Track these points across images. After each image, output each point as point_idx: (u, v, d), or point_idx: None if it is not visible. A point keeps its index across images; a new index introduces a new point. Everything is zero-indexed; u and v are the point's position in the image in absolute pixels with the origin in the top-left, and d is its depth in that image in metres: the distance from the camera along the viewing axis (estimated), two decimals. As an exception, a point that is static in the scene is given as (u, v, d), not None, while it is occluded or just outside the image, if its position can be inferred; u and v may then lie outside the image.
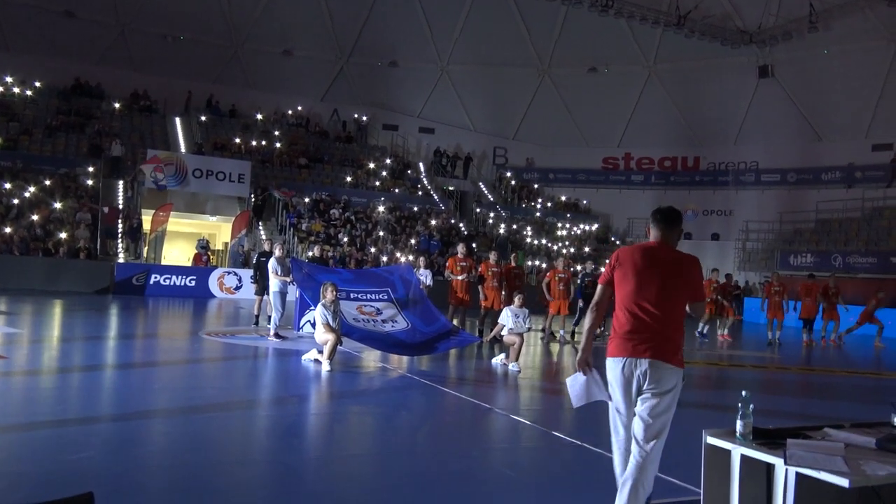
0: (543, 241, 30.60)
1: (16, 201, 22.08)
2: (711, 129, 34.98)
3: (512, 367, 10.14)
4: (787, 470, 3.20)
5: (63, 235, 21.25)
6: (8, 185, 22.60)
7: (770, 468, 3.37)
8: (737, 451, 3.51)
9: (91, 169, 24.92)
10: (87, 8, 30.62)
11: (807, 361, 14.77)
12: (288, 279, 12.18)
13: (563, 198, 36.59)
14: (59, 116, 28.38)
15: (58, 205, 22.48)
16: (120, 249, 22.45)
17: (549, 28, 34.39)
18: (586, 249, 31.41)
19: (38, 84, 29.60)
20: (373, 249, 25.16)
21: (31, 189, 22.84)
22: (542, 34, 34.77)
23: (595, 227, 34.92)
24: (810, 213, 31.16)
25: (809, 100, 32.19)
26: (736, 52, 31.74)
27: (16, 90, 28.98)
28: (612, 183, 37.09)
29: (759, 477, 3.51)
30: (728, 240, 33.65)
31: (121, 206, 24.26)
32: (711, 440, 3.67)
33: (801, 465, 3.16)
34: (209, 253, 24.76)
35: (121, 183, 25.57)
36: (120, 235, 22.93)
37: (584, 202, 36.63)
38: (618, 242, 34.31)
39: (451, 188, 34.17)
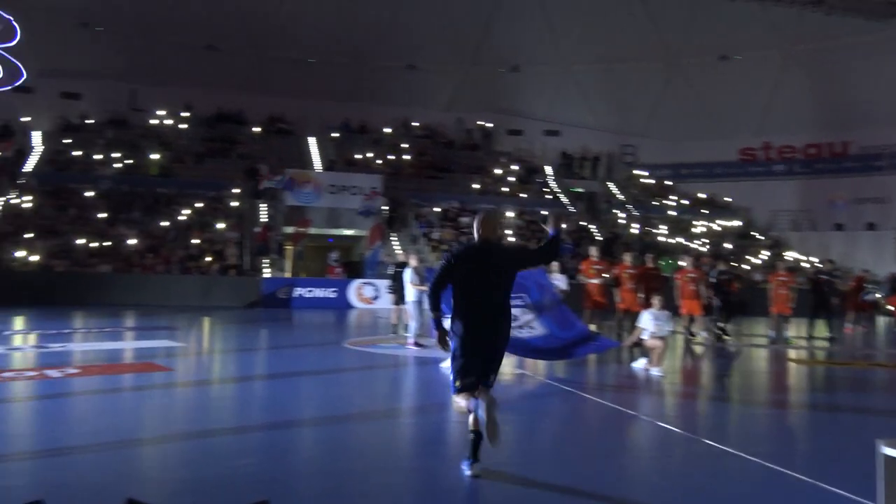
0: (679, 240, 29.48)
1: (167, 223, 23.81)
2: (861, 111, 32.41)
3: (654, 371, 9.81)
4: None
5: (208, 257, 22.70)
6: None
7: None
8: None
9: (237, 191, 26.49)
10: (226, 41, 32.69)
11: None
12: (425, 288, 12.38)
13: (699, 194, 35.07)
14: (206, 143, 30.44)
15: (221, 225, 24.06)
16: (266, 265, 23.70)
17: (676, 19, 33.20)
18: (727, 246, 29.97)
19: (186, 114, 31.95)
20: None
21: (186, 212, 24.59)
22: (668, 25, 33.62)
23: (735, 222, 33.25)
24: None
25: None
26: (883, 27, 29.31)
27: (168, 121, 31.40)
28: (750, 175, 35.19)
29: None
30: (885, 229, 31.03)
31: (267, 225, 25.61)
32: (888, 450, 3.37)
33: None
34: (343, 265, 25.63)
35: (263, 203, 27.04)
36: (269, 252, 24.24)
37: (722, 197, 34.96)
38: (761, 238, 32.53)
39: (579, 190, 33.65)
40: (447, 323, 5.45)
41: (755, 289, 25.59)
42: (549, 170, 34.88)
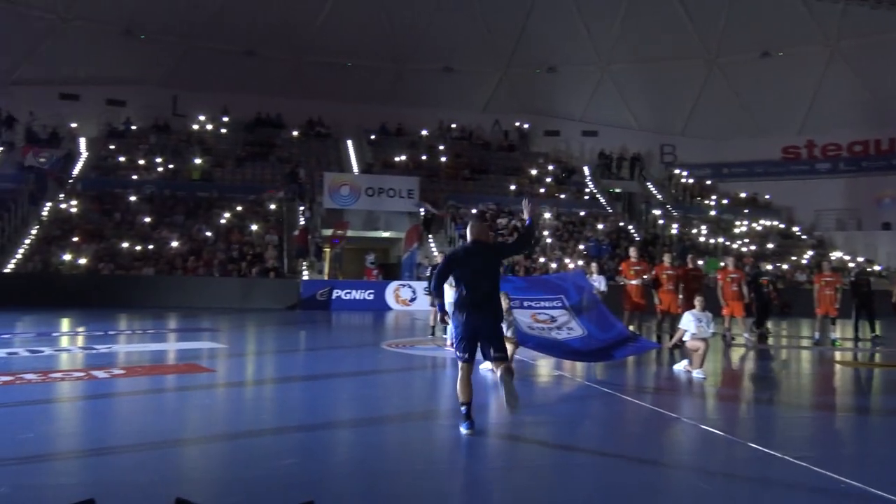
0: (720, 240, 29.02)
1: (208, 231, 24.19)
2: (910, 107, 31.58)
3: (696, 373, 9.67)
4: None
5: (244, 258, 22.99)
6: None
7: None
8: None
9: (280, 193, 26.82)
10: (265, 46, 33.15)
11: None
12: (462, 290, 12.37)
13: (740, 193, 34.48)
14: (246, 147, 30.89)
15: (255, 227, 24.41)
16: (304, 267, 23.93)
17: (715, 15, 32.75)
18: (769, 246, 29.42)
19: (225, 119, 32.47)
20: (542, 259, 25.05)
21: (227, 216, 24.96)
22: (707, 22, 33.17)
23: (777, 222, 32.61)
24: None
25: None
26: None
27: (208, 126, 31.96)
28: (793, 174, 34.50)
29: None
30: (936, 228, 30.19)
31: (306, 227, 25.88)
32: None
33: None
34: (380, 267, 25.76)
35: (301, 206, 27.33)
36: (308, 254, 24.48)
37: (764, 196, 34.33)
38: (804, 237, 31.87)
39: (617, 190, 33.34)
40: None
41: (798, 290, 25.12)
42: (586, 170, 34.65)
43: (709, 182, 35.24)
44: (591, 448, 6.44)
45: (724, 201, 33.57)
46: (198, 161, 28.65)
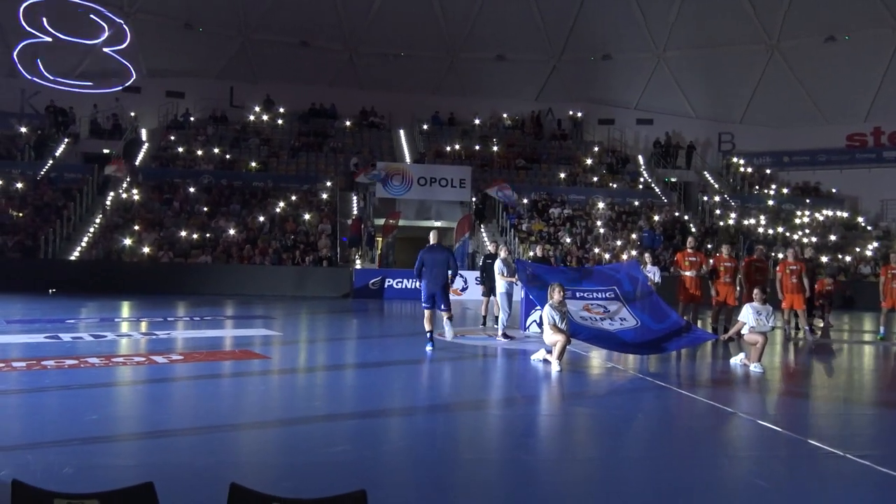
0: (780, 230, 28.23)
1: (262, 218, 24.62)
2: None
3: (754, 367, 9.43)
4: None
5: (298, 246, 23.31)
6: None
7: None
8: None
9: (329, 184, 27.13)
10: (319, 36, 33.51)
11: None
12: (514, 280, 12.33)
13: (802, 182, 33.44)
14: (300, 138, 31.30)
15: (307, 216, 24.75)
16: (357, 256, 24.16)
17: (778, -1, 31.75)
18: (832, 238, 28.48)
19: (281, 110, 32.96)
20: (596, 250, 24.77)
21: (281, 205, 25.36)
22: (768, 6, 32.16)
23: (841, 212, 31.54)
24: None
25: None
26: None
27: (264, 117, 32.50)
28: (858, 162, 33.25)
29: None
30: None
31: (360, 217, 26.11)
32: None
33: None
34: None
35: (354, 195, 27.60)
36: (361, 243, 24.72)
37: (827, 185, 33.21)
38: (869, 228, 30.75)
39: (673, 179, 32.70)
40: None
41: (863, 282, 24.29)
42: (641, 159, 34.07)
43: (768, 171, 34.24)
44: (644, 442, 6.35)
45: (785, 191, 32.61)
46: (253, 151, 29.14)
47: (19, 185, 24.23)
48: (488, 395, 8.43)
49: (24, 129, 28.34)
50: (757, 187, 32.87)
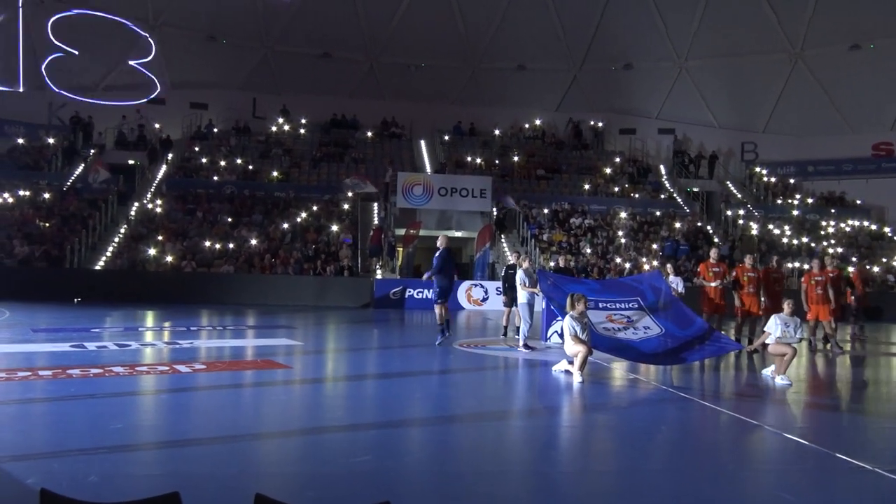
0: (805, 241, 27.89)
1: (285, 225, 24.79)
2: None
3: (780, 379, 9.30)
4: None
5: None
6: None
7: None
8: None
9: (350, 194, 27.26)
10: (341, 47, 33.76)
11: None
12: (536, 290, 12.29)
13: (827, 192, 33.03)
14: (322, 148, 31.52)
15: (335, 228, 24.85)
16: (377, 266, 24.22)
17: (801, 6, 31.48)
18: (859, 248, 28.06)
19: (303, 120, 33.24)
20: (618, 259, 24.63)
21: (303, 215, 25.51)
22: (792, 15, 31.90)
23: (867, 222, 31.10)
24: None
25: None
26: None
27: (286, 128, 32.79)
28: (885, 171, 32.77)
29: None
30: None
31: (380, 227, 26.20)
32: None
33: None
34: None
35: (375, 205, 27.69)
36: (382, 253, 24.79)
37: (852, 195, 32.77)
38: (895, 238, 30.29)
39: (695, 189, 32.47)
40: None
41: (889, 293, 23.93)
42: (662, 169, 33.88)
43: (792, 181, 33.90)
44: (667, 454, 6.29)
45: (810, 200, 32.24)
46: (275, 162, 29.39)
47: (46, 196, 24.61)
48: (510, 406, 8.39)
49: (51, 141, 28.80)
50: (781, 197, 32.54)
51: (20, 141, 28.55)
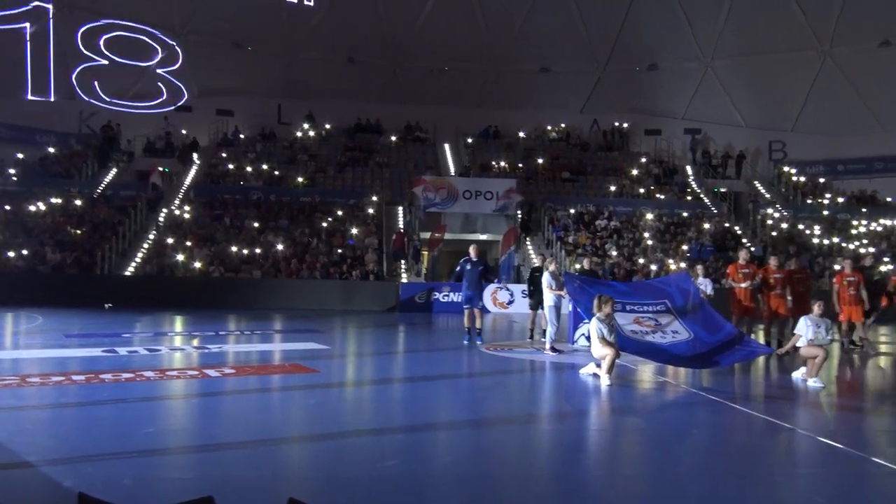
0: (835, 241, 27.45)
1: (312, 237, 24.93)
2: None
3: (812, 382, 9.16)
4: None
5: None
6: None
7: None
8: None
9: (375, 198, 27.37)
10: (363, 53, 33.93)
11: None
12: (562, 293, 12.23)
13: (857, 190, 32.49)
14: (346, 153, 31.69)
15: (355, 231, 25.00)
16: (403, 270, 24.27)
17: (829, 3, 31.06)
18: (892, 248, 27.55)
19: (327, 126, 33.45)
20: (642, 260, 24.45)
21: (329, 220, 25.66)
22: (819, 11, 31.48)
23: (899, 221, 30.50)
24: None
25: None
26: None
27: (311, 133, 33.03)
28: (917, 169, 32.21)
29: None
30: None
31: (403, 231, 26.26)
32: None
33: None
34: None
35: (400, 209, 27.77)
36: (406, 257, 24.84)
37: (884, 194, 32.18)
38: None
39: (723, 190, 32.13)
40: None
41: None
42: (689, 170, 33.59)
43: (822, 180, 33.40)
44: (697, 458, 6.22)
45: (840, 200, 31.74)
46: (300, 167, 29.63)
47: (78, 203, 25.02)
48: (537, 409, 8.36)
49: (81, 149, 29.30)
50: (811, 197, 32.08)
51: (51, 150, 29.07)
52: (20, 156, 28.19)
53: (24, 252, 21.66)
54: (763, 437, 6.90)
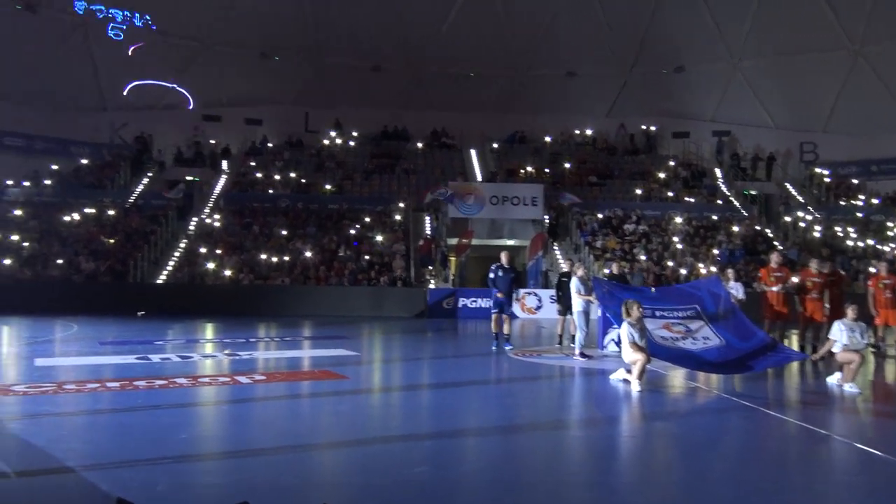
0: (870, 243, 26.94)
1: (341, 249, 25.07)
2: None
3: (848, 387, 8.99)
4: None
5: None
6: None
7: None
8: None
9: (402, 205, 27.47)
10: (389, 61, 34.10)
11: None
12: (591, 298, 12.16)
13: (892, 191, 31.82)
14: (373, 160, 31.86)
15: (379, 238, 25.12)
16: (430, 276, 24.30)
17: (860, 2, 30.54)
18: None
19: (354, 133, 33.67)
20: (670, 263, 24.22)
21: (357, 227, 25.80)
22: (850, 10, 30.95)
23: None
24: None
25: None
26: None
27: (338, 141, 33.26)
28: (953, 169, 31.51)
29: None
30: None
31: (430, 237, 26.30)
32: None
33: None
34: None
35: (427, 216, 27.83)
36: (433, 263, 24.87)
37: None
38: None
39: (753, 192, 31.71)
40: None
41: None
42: (718, 172, 33.21)
43: (855, 181, 32.81)
44: (731, 465, 6.13)
45: (874, 201, 31.14)
46: (328, 175, 29.85)
47: (111, 213, 25.44)
48: (567, 415, 8.32)
49: (114, 159, 29.83)
50: (843, 198, 31.52)
51: (84, 161, 29.61)
52: (55, 167, 28.79)
53: (60, 261, 22.08)
54: (798, 443, 6.79)
